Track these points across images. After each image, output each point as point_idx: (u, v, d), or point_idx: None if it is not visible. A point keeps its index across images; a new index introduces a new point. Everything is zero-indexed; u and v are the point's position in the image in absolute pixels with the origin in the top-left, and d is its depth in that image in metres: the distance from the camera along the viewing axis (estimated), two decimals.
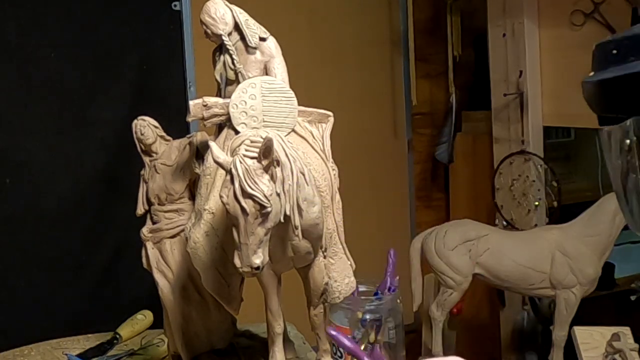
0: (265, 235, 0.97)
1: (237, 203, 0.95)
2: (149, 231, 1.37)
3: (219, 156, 1.00)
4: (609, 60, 0.57)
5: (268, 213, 0.96)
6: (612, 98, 0.57)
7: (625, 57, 0.55)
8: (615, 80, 0.56)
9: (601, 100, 0.58)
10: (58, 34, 2.21)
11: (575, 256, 2.15)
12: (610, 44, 0.58)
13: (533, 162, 2.60)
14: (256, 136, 1.03)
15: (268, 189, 0.96)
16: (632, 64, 0.54)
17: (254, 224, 0.96)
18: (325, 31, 2.80)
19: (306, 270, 1.20)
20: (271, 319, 1.23)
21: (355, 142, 2.75)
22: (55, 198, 2.22)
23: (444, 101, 3.06)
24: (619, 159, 0.60)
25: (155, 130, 1.38)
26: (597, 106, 0.59)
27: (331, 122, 1.25)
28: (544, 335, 2.52)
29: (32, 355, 1.61)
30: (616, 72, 0.55)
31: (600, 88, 0.58)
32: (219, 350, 1.43)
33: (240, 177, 0.95)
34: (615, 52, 0.57)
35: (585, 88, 0.60)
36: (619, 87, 0.56)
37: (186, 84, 2.42)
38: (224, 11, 1.19)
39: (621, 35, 0.57)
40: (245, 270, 0.98)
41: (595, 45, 0.60)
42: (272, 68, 1.21)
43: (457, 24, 2.97)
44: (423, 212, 3.13)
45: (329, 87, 2.70)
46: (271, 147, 0.96)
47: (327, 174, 1.21)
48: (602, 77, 0.57)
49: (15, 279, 2.17)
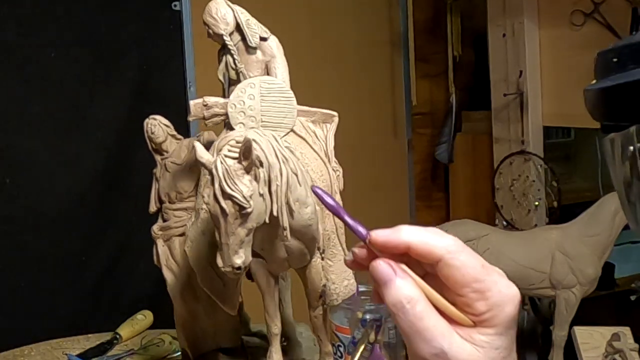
0: (246, 235, 0.97)
1: (217, 203, 0.95)
2: (159, 229, 1.38)
3: (202, 156, 1.00)
4: (610, 68, 0.58)
5: (248, 214, 0.96)
6: (614, 106, 0.58)
7: (625, 65, 0.56)
8: (615, 88, 0.56)
9: (602, 109, 0.59)
10: (58, 34, 2.21)
11: (575, 256, 2.15)
12: (610, 52, 0.58)
13: (533, 162, 2.60)
14: (242, 137, 1.02)
15: (248, 189, 0.96)
16: (632, 72, 0.54)
17: (234, 224, 0.96)
18: (326, 31, 2.80)
19: (303, 271, 1.20)
20: (268, 320, 1.23)
21: (355, 142, 2.75)
22: (55, 198, 2.22)
23: (444, 101, 3.06)
24: (622, 167, 0.60)
25: (165, 129, 1.38)
26: (599, 114, 0.59)
27: (335, 123, 1.25)
28: (544, 335, 2.52)
29: (32, 355, 1.60)
30: (616, 80, 0.55)
31: (601, 96, 0.59)
32: (226, 348, 1.44)
33: (220, 178, 0.95)
34: (616, 60, 0.57)
35: (587, 96, 0.60)
36: (620, 94, 0.56)
37: (186, 84, 2.42)
38: (225, 11, 1.19)
39: (621, 43, 0.58)
40: (226, 270, 0.98)
41: (597, 54, 0.60)
42: (272, 68, 1.20)
43: (457, 24, 2.98)
44: (423, 212, 3.13)
45: (329, 87, 2.70)
46: (250, 148, 0.95)
47: (327, 175, 1.21)
48: (602, 86, 0.58)
49: (15, 279, 2.16)
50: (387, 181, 2.98)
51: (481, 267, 0.51)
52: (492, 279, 0.51)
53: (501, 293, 0.51)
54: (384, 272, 0.52)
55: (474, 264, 0.51)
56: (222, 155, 0.97)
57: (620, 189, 0.62)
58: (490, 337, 0.50)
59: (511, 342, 0.52)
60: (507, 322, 0.51)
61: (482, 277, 0.50)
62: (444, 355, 0.50)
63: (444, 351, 0.50)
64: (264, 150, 1.01)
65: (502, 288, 0.51)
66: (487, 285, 0.50)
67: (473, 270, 0.50)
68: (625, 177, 0.60)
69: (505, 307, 0.51)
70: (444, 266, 0.51)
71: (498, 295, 0.50)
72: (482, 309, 0.50)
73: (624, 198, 0.61)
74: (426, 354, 0.50)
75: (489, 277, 0.51)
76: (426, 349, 0.50)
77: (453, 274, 0.51)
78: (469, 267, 0.50)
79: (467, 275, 0.50)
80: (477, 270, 0.51)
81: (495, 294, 0.50)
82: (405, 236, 0.52)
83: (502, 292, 0.51)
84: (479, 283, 0.50)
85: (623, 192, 0.61)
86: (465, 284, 0.50)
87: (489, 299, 0.50)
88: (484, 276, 0.50)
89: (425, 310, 0.51)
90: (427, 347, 0.50)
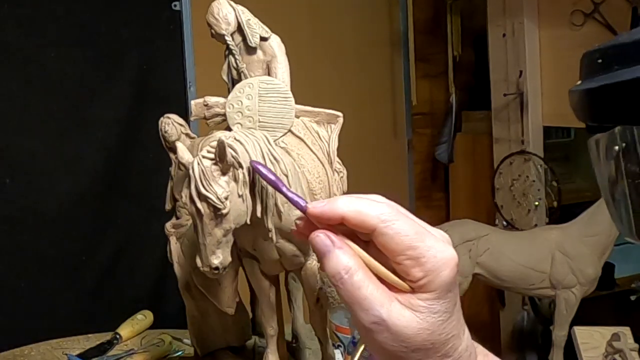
0: (224, 236, 0.97)
1: (193, 204, 0.95)
2: (172, 226, 1.38)
3: (182, 156, 1.00)
4: (595, 69, 0.58)
5: (223, 215, 0.96)
6: (598, 107, 0.58)
7: (609, 65, 0.56)
8: (600, 90, 0.56)
9: (587, 110, 0.59)
10: (58, 34, 2.21)
11: (575, 256, 2.15)
12: (595, 53, 0.58)
13: (533, 162, 2.60)
14: (229, 138, 1.01)
15: (223, 191, 0.95)
16: (616, 73, 0.54)
17: (210, 225, 0.96)
18: (326, 31, 2.80)
19: (299, 273, 1.19)
20: (263, 321, 1.22)
21: (355, 142, 2.74)
22: (55, 198, 2.22)
23: (444, 101, 3.06)
24: (607, 167, 0.60)
25: (179, 128, 1.38)
26: (583, 115, 0.59)
27: (340, 123, 1.23)
28: (544, 335, 2.52)
29: (32, 355, 1.60)
30: (601, 82, 0.55)
31: (585, 97, 0.59)
32: (234, 347, 1.44)
33: (196, 179, 0.95)
34: (601, 61, 0.57)
35: (571, 97, 0.60)
36: (604, 96, 0.56)
37: (186, 84, 2.42)
38: (227, 11, 1.18)
39: (606, 44, 0.58)
40: (205, 270, 0.98)
41: (582, 54, 0.60)
42: (273, 68, 1.20)
43: (457, 24, 2.98)
44: (423, 212, 3.12)
45: (329, 87, 2.70)
46: (224, 150, 0.95)
47: (324, 176, 1.19)
48: (587, 87, 0.57)
49: (15, 279, 2.16)
50: (387, 181, 2.98)
51: (415, 234, 0.51)
52: (426, 244, 0.51)
53: (436, 258, 0.51)
54: (321, 243, 0.53)
55: (407, 231, 0.51)
56: (199, 156, 0.97)
57: (605, 189, 0.62)
58: (428, 302, 0.51)
59: (452, 305, 0.52)
60: (445, 285, 0.51)
61: (415, 243, 0.51)
62: (383, 322, 0.51)
63: (383, 319, 0.51)
64: (248, 151, 1.00)
65: (437, 253, 0.51)
66: (421, 251, 0.51)
67: (406, 237, 0.51)
68: (610, 177, 0.60)
69: (441, 271, 0.51)
70: (379, 235, 0.51)
71: (433, 260, 0.51)
72: (418, 275, 0.51)
73: (609, 197, 0.62)
74: (366, 322, 0.51)
75: (422, 243, 0.51)
76: (365, 317, 0.51)
77: (387, 242, 0.51)
78: (402, 235, 0.51)
79: (400, 243, 0.51)
80: (410, 237, 0.51)
81: (429, 259, 0.51)
82: (339, 207, 0.52)
83: (436, 257, 0.51)
84: (412, 250, 0.51)
85: (608, 192, 0.62)
86: (399, 251, 0.51)
87: (423, 264, 0.51)
88: (417, 242, 0.51)
89: (363, 279, 0.51)
90: (367, 315, 0.51)
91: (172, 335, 1.62)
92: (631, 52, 0.54)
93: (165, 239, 1.37)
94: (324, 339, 1.28)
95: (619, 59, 0.55)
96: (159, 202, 1.43)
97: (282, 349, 1.26)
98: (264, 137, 1.07)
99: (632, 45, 0.54)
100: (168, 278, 1.94)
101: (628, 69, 0.53)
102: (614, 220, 0.62)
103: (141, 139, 2.27)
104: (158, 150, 1.41)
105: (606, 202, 0.63)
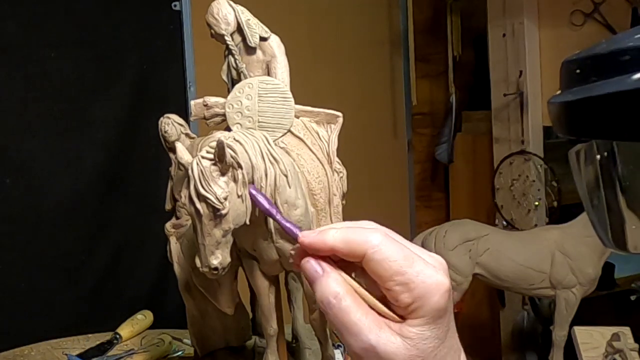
0: (223, 236, 0.97)
1: (192, 205, 0.95)
2: (172, 226, 1.38)
3: (182, 156, 1.00)
4: (573, 79, 0.57)
5: (222, 215, 0.96)
6: (574, 121, 0.57)
7: (587, 77, 0.54)
8: (575, 104, 0.55)
9: (564, 123, 0.58)
10: (58, 34, 2.21)
11: (575, 256, 2.15)
12: (573, 63, 0.57)
13: (533, 162, 2.60)
14: (228, 138, 1.02)
15: (223, 191, 0.95)
16: (593, 86, 0.53)
17: (209, 225, 0.96)
18: (325, 31, 2.80)
19: (299, 273, 1.19)
20: (263, 321, 1.22)
21: (355, 142, 2.74)
22: (55, 198, 2.22)
23: (444, 101, 3.06)
24: (587, 177, 0.60)
25: (179, 128, 1.38)
26: (560, 128, 0.58)
27: (340, 123, 1.24)
28: (544, 335, 2.52)
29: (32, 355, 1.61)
30: (577, 95, 0.54)
31: (562, 111, 0.58)
32: (234, 347, 1.44)
33: (195, 179, 0.95)
34: (579, 71, 0.56)
35: (550, 109, 0.60)
36: (580, 110, 0.55)
37: (186, 84, 2.42)
38: (226, 11, 1.18)
39: (584, 53, 0.57)
40: (204, 270, 0.98)
41: (561, 63, 0.60)
42: (272, 68, 1.20)
43: (457, 24, 2.98)
44: (423, 212, 3.13)
45: (329, 87, 2.70)
46: (223, 150, 0.95)
47: (324, 176, 1.19)
48: (563, 100, 0.57)
49: (15, 279, 2.16)
50: (387, 181, 2.98)
51: (403, 259, 0.50)
52: (414, 270, 0.50)
53: (425, 284, 0.50)
54: (311, 269, 0.53)
55: (395, 257, 0.50)
56: (199, 157, 0.97)
57: (586, 199, 0.62)
58: (418, 329, 0.50)
59: (444, 332, 0.51)
60: (435, 312, 0.50)
61: (403, 269, 0.50)
62: (372, 349, 0.50)
63: (372, 344, 0.50)
64: (247, 151, 1.00)
65: (426, 278, 0.50)
66: (409, 277, 0.50)
67: (394, 262, 0.50)
68: (589, 187, 0.60)
69: (431, 297, 0.50)
70: (368, 261, 0.51)
71: (422, 286, 0.50)
72: (407, 300, 0.50)
73: (589, 207, 0.61)
74: (356, 348, 0.51)
75: (410, 268, 0.50)
76: (355, 343, 0.51)
77: (376, 268, 0.51)
78: (389, 260, 0.50)
79: (388, 268, 0.50)
80: (398, 262, 0.50)
81: (418, 284, 0.50)
82: (328, 240, 0.52)
83: (425, 283, 0.50)
84: (400, 275, 0.50)
85: (588, 202, 0.61)
86: (388, 277, 0.50)
87: (412, 290, 0.50)
88: (405, 268, 0.50)
89: (351, 305, 0.51)
90: (355, 341, 0.51)
91: (172, 335, 1.62)
92: (607, 64, 0.53)
93: (165, 239, 1.37)
94: (324, 339, 1.28)
95: (596, 71, 0.54)
96: (159, 202, 1.43)
97: (282, 349, 1.26)
98: (264, 137, 1.07)
99: (608, 56, 0.53)
100: (168, 278, 1.94)
101: (604, 82, 0.52)
102: (594, 229, 0.62)
103: (141, 139, 2.27)
104: (158, 150, 1.41)
105: (587, 212, 0.63)
